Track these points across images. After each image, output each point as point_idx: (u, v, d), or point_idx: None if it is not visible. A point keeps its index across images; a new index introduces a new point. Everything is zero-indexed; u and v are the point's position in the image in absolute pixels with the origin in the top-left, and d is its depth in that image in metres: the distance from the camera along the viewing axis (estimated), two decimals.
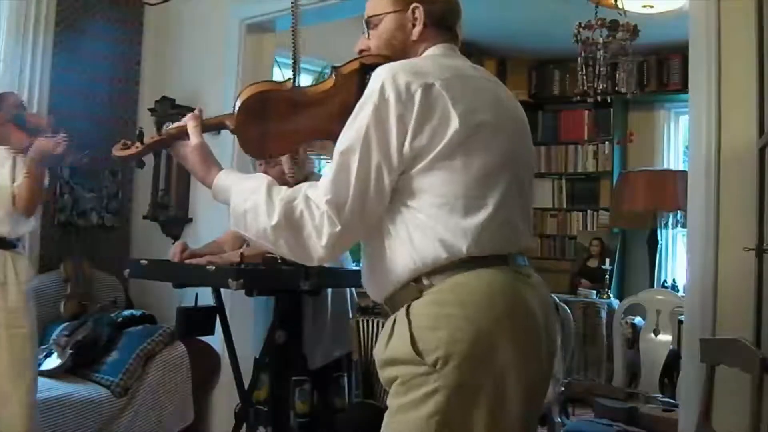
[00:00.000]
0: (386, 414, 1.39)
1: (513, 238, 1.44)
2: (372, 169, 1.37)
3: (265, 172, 2.51)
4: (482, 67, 1.63)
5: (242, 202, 1.44)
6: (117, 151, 1.62)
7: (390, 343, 1.39)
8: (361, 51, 1.59)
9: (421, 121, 1.36)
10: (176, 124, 1.59)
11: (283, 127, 1.57)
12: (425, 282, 1.39)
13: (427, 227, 1.38)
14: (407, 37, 1.54)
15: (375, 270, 1.48)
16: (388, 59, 1.50)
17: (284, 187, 1.44)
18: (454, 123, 1.36)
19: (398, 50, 1.54)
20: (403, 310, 1.39)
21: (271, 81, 1.66)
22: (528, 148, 1.58)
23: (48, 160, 2.63)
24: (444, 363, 1.32)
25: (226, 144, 2.97)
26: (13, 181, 2.67)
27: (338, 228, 1.36)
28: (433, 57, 1.52)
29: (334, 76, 1.56)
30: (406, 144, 1.36)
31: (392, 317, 1.43)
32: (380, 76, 1.39)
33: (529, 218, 1.55)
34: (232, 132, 1.56)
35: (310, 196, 1.39)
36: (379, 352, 1.42)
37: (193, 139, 1.54)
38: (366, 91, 1.40)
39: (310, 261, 1.42)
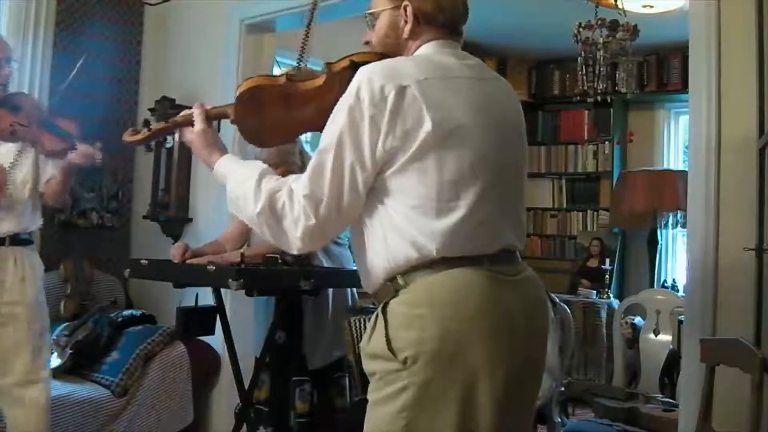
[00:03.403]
0: (367, 407, 1.45)
1: (490, 239, 1.44)
2: (346, 168, 1.40)
3: None
4: (480, 63, 1.62)
5: (236, 188, 1.51)
6: (127, 137, 1.75)
7: (372, 339, 1.44)
8: (366, 42, 1.63)
9: (392, 122, 1.37)
10: (183, 113, 1.69)
11: (276, 119, 1.64)
12: (400, 282, 1.43)
13: (400, 228, 1.41)
14: (399, 34, 1.55)
15: (361, 266, 1.53)
16: (381, 56, 1.52)
17: (275, 176, 1.49)
18: (427, 125, 1.37)
19: (392, 47, 1.56)
20: (380, 308, 1.44)
21: (267, 75, 1.72)
22: (518, 147, 1.57)
23: (87, 164, 2.72)
24: (413, 361, 1.36)
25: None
26: (35, 178, 2.73)
27: (312, 222, 1.41)
28: (419, 56, 1.52)
29: (325, 73, 1.60)
30: (379, 145, 1.38)
31: (375, 313, 1.47)
32: (358, 77, 1.41)
33: (517, 217, 1.54)
34: (232, 122, 1.63)
35: (293, 189, 1.43)
36: (364, 345, 1.47)
37: (197, 125, 1.63)
38: (345, 93, 1.42)
39: (289, 249, 1.48)
